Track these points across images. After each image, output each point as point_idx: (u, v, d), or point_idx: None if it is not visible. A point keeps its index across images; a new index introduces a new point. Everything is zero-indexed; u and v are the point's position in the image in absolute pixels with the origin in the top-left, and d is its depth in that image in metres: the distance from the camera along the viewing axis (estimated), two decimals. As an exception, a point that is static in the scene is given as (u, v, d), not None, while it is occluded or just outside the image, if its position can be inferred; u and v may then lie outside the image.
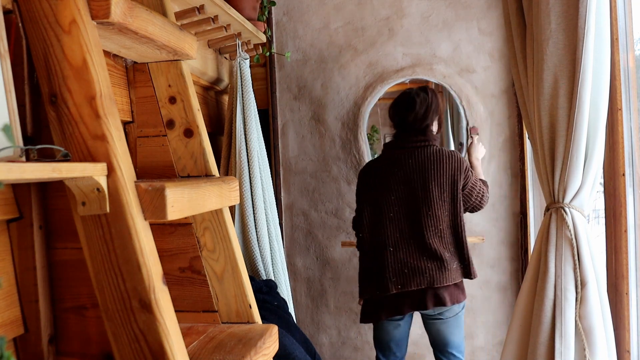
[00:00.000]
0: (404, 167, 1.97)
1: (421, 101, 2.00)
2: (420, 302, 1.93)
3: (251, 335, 1.07)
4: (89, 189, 0.78)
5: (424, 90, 2.05)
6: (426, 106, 2.00)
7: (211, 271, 1.14)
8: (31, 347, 0.85)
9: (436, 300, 1.92)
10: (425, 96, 2.02)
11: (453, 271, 1.93)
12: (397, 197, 1.97)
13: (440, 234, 1.93)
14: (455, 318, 1.99)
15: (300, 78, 2.56)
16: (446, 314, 1.97)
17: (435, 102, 2.02)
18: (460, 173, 1.95)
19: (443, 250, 1.93)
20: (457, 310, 1.98)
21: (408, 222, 1.95)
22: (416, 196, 1.94)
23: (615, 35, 1.80)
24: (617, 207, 1.84)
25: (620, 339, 1.83)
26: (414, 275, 1.91)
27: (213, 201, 1.01)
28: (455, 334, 2.01)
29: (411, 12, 2.45)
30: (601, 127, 1.65)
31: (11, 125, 0.74)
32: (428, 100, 2.00)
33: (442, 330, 2.00)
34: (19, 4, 0.82)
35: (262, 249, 2.02)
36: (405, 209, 1.96)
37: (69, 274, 0.88)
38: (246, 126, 2.01)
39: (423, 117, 2.00)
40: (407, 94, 2.05)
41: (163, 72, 1.13)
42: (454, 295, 1.94)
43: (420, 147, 1.98)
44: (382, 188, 2.00)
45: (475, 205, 2.05)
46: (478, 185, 2.03)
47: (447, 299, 1.92)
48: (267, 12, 2.45)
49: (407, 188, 1.96)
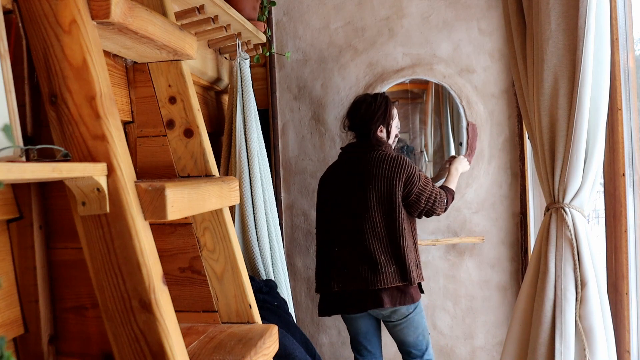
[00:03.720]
0: (349, 170, 2.05)
1: (366, 107, 2.07)
2: (359, 302, 1.99)
3: (251, 335, 1.07)
4: (89, 189, 0.78)
5: (375, 97, 2.11)
6: (371, 112, 2.05)
7: (211, 271, 1.14)
8: (31, 347, 0.85)
9: (374, 301, 1.95)
10: (372, 102, 2.07)
11: (389, 274, 1.94)
12: (342, 198, 2.04)
13: (378, 237, 1.96)
14: (406, 320, 2.01)
15: (300, 78, 2.56)
16: (394, 316, 2.01)
17: (381, 109, 2.06)
18: (400, 178, 1.96)
19: (380, 253, 1.95)
20: (406, 312, 2.00)
21: (351, 225, 2.00)
22: (358, 199, 1.99)
23: (615, 35, 1.80)
24: (617, 207, 1.84)
25: (620, 339, 1.83)
26: (352, 276, 1.97)
27: (213, 201, 1.01)
28: (409, 334, 2.05)
29: (411, 12, 2.45)
30: (601, 127, 1.65)
31: (11, 125, 0.74)
32: (373, 106, 2.06)
33: (396, 332, 2.07)
34: (19, 4, 0.82)
35: (262, 249, 2.02)
36: (350, 211, 2.01)
37: (69, 274, 0.88)
38: (246, 126, 2.01)
39: (367, 122, 2.06)
40: (358, 98, 2.14)
41: (163, 72, 1.13)
42: (395, 297, 1.95)
43: (367, 152, 2.03)
44: (331, 189, 2.10)
45: (428, 211, 2.05)
46: (428, 191, 2.02)
47: (386, 301, 1.94)
48: (267, 12, 2.45)
49: (350, 190, 2.02)
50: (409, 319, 2.02)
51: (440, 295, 2.50)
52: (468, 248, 2.47)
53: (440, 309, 2.51)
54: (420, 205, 2.02)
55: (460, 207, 2.46)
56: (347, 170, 2.06)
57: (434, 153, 2.68)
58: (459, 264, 2.48)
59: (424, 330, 2.08)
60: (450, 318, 2.51)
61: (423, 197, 2.01)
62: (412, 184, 1.98)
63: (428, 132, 2.66)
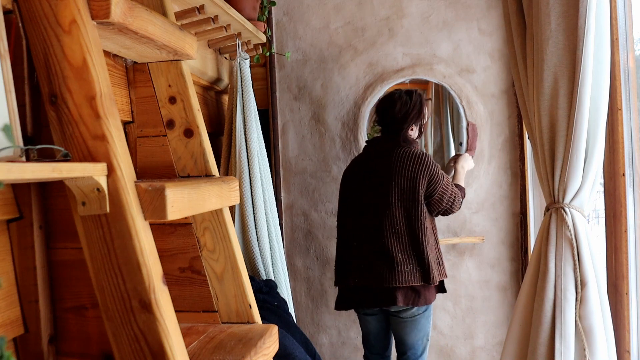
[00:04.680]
0: (374, 166, 2.03)
1: (402, 104, 2.03)
2: (374, 298, 1.98)
3: (251, 335, 1.07)
4: (89, 189, 0.78)
5: (410, 93, 2.07)
6: (406, 110, 2.02)
7: (211, 271, 1.14)
8: (31, 347, 0.85)
9: (388, 299, 1.95)
10: (408, 100, 2.04)
11: (406, 273, 1.92)
12: (365, 194, 2.02)
13: (397, 235, 1.94)
14: (413, 320, 2.01)
15: (300, 78, 2.56)
16: (403, 314, 2.00)
17: (416, 107, 2.04)
18: (424, 177, 1.94)
19: (398, 251, 1.93)
20: (415, 313, 2.00)
21: (371, 220, 1.98)
22: (379, 195, 1.97)
23: (615, 35, 1.80)
24: (617, 207, 1.84)
25: (620, 339, 1.83)
26: (369, 272, 1.96)
27: (213, 201, 1.01)
28: (410, 334, 2.04)
29: (411, 12, 2.45)
30: (601, 127, 1.65)
31: (11, 125, 0.74)
32: (409, 105, 2.03)
33: (398, 328, 2.06)
34: (19, 4, 0.82)
35: (262, 249, 2.02)
36: (371, 206, 2.00)
37: (69, 274, 0.88)
38: (246, 126, 2.01)
39: (401, 120, 2.03)
40: (392, 94, 2.09)
41: (163, 72, 1.13)
42: (409, 297, 1.94)
43: (392, 148, 2.01)
44: (354, 184, 2.07)
45: (446, 210, 2.05)
46: (450, 191, 2.02)
47: (400, 299, 1.93)
48: (267, 12, 2.45)
49: (373, 186, 2.00)
50: (416, 320, 2.01)
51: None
52: (468, 248, 2.47)
53: (440, 309, 2.51)
54: (442, 204, 2.01)
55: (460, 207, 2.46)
56: (371, 165, 2.04)
57: (434, 153, 2.69)
58: (459, 264, 2.48)
59: (425, 335, 2.06)
60: (450, 318, 2.51)
61: (445, 197, 2.00)
62: (436, 183, 1.97)
63: (428, 132, 2.66)
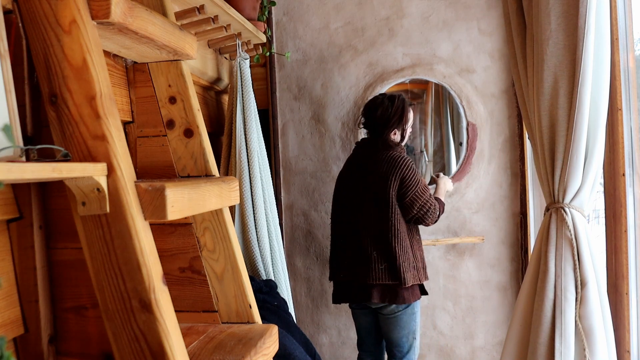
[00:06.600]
0: (358, 166, 2.11)
1: (383, 110, 2.07)
2: (357, 293, 2.05)
3: (251, 335, 1.07)
4: (89, 189, 0.78)
5: (392, 99, 2.10)
6: (387, 115, 2.06)
7: (211, 271, 1.14)
8: (31, 347, 0.85)
9: (365, 295, 2.02)
10: (389, 106, 2.07)
11: (380, 271, 1.98)
12: (349, 193, 2.11)
13: (371, 234, 2.01)
14: (395, 317, 2.05)
15: (300, 78, 2.56)
16: (383, 310, 2.06)
17: (398, 113, 2.07)
18: (396, 178, 1.97)
19: (373, 250, 2.00)
20: (395, 310, 2.04)
21: (352, 219, 2.07)
22: (358, 194, 2.06)
23: (615, 35, 1.80)
24: (617, 207, 1.84)
25: (620, 339, 1.83)
26: (351, 268, 2.05)
27: (213, 201, 1.01)
28: (393, 331, 2.08)
29: (411, 12, 2.45)
30: (601, 127, 1.65)
31: (11, 125, 0.74)
32: (390, 111, 2.06)
33: (383, 325, 2.12)
34: (19, 4, 0.82)
35: (262, 249, 2.02)
36: (353, 205, 2.08)
37: (69, 274, 0.88)
38: (246, 126, 2.01)
39: (382, 125, 2.07)
40: (375, 99, 2.14)
41: (163, 72, 1.13)
42: (385, 295, 2.00)
43: (375, 151, 2.07)
44: (342, 183, 2.18)
45: (419, 218, 2.05)
46: (424, 199, 2.01)
47: (375, 296, 1.99)
48: (267, 12, 2.45)
49: (354, 185, 2.09)
50: (397, 317, 2.05)
51: (440, 295, 2.50)
52: (468, 248, 2.47)
53: (440, 309, 2.51)
54: (413, 210, 2.01)
55: (460, 207, 2.46)
56: (356, 165, 2.13)
57: (434, 153, 2.69)
58: (459, 264, 2.48)
59: (410, 333, 2.08)
60: (450, 318, 2.51)
61: (417, 204, 2.00)
62: (409, 187, 1.98)
63: (428, 132, 2.67)
